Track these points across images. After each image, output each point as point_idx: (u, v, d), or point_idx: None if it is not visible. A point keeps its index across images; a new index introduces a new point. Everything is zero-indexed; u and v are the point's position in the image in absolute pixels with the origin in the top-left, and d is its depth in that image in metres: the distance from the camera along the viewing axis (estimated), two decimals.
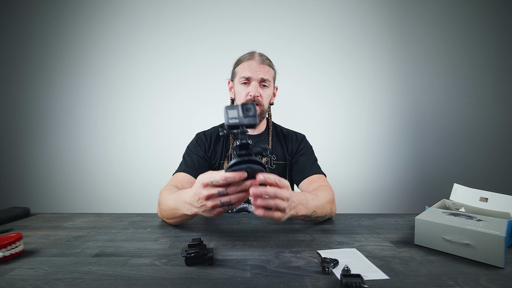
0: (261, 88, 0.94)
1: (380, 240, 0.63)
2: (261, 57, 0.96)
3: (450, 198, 0.73)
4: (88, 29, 1.62)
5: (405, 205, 1.67)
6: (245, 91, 0.93)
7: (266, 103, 0.95)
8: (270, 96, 0.98)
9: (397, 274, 0.47)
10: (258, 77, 0.93)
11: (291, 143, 1.01)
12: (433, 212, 0.62)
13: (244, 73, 0.93)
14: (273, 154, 0.97)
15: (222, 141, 0.99)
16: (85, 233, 0.68)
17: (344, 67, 1.66)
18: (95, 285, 0.43)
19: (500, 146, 1.67)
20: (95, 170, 1.63)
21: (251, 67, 0.93)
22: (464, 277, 0.46)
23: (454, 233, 0.54)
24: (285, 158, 0.98)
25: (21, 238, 0.55)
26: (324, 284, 0.43)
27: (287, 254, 0.55)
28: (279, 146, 0.99)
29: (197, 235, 0.67)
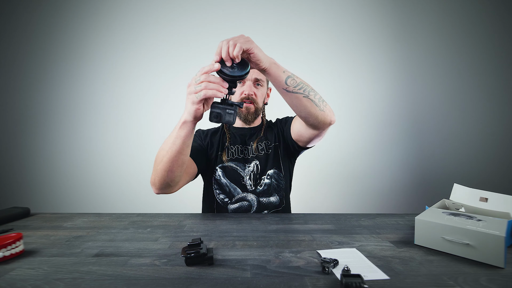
0: (255, 88, 0.98)
1: (380, 240, 0.63)
2: None
3: (450, 198, 0.73)
4: (88, 29, 1.62)
5: (405, 205, 1.67)
6: (240, 90, 0.96)
7: (260, 101, 0.99)
8: (264, 95, 1.02)
9: (397, 274, 0.47)
10: (252, 77, 0.96)
11: (276, 125, 1.05)
12: (433, 212, 0.62)
13: None
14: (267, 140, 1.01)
15: (219, 134, 1.02)
16: (85, 233, 0.68)
17: (344, 67, 1.66)
18: (95, 285, 0.43)
19: (500, 146, 1.67)
20: (95, 170, 1.63)
21: None
22: (464, 277, 0.46)
23: (454, 233, 0.54)
24: (276, 140, 1.02)
25: (21, 238, 0.55)
26: (324, 284, 0.43)
27: (287, 254, 0.55)
28: (270, 132, 1.04)
29: (197, 235, 0.67)
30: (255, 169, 0.96)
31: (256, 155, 0.98)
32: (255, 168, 0.96)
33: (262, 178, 0.95)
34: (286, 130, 0.99)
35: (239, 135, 1.02)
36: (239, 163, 0.97)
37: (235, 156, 0.98)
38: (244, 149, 0.99)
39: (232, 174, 0.95)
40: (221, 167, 0.96)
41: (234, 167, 0.97)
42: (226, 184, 0.95)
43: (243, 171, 0.96)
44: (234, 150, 0.99)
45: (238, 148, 0.99)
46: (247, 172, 0.96)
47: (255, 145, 0.99)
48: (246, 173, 0.96)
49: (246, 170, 0.96)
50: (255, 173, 0.96)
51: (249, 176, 0.95)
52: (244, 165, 0.97)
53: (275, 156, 0.99)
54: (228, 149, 0.98)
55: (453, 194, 0.74)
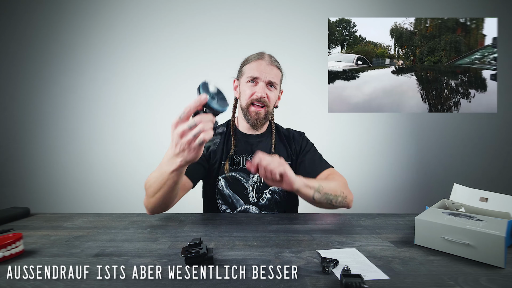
0: (268, 90, 0.92)
1: (380, 240, 0.63)
2: (271, 58, 0.94)
3: (450, 198, 0.73)
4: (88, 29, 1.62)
5: (405, 205, 1.67)
6: (251, 90, 0.91)
7: (272, 105, 0.94)
8: (276, 98, 0.96)
9: (397, 274, 0.47)
10: (266, 79, 0.91)
11: (294, 143, 0.99)
12: (433, 212, 0.62)
13: (252, 72, 0.91)
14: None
15: (223, 141, 0.96)
16: (85, 233, 0.68)
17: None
18: (95, 285, 0.43)
19: (500, 146, 1.67)
20: (95, 170, 1.63)
21: (260, 68, 0.91)
22: (464, 277, 0.46)
23: (454, 233, 0.54)
24: (288, 157, 0.96)
25: (21, 238, 0.55)
26: (324, 284, 0.43)
27: (287, 254, 0.55)
28: (282, 146, 0.98)
29: (197, 235, 0.67)
30: (259, 180, 0.93)
31: None
32: (258, 180, 0.93)
33: (265, 192, 0.93)
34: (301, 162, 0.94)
35: (246, 142, 0.96)
36: (243, 174, 0.93)
37: (240, 166, 0.93)
38: (250, 159, 0.93)
39: (235, 184, 0.92)
40: (224, 177, 0.93)
41: (238, 177, 0.93)
42: (229, 195, 0.92)
43: (247, 182, 0.93)
44: (239, 160, 0.93)
45: (244, 157, 0.94)
46: (251, 183, 0.93)
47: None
48: (250, 184, 0.92)
49: (250, 181, 0.93)
50: (258, 185, 0.92)
51: (252, 187, 0.92)
52: (248, 175, 0.93)
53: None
54: (233, 158, 0.93)
55: (453, 194, 0.74)
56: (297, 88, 1.63)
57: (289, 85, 1.60)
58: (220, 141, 0.95)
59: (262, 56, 0.94)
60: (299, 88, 1.64)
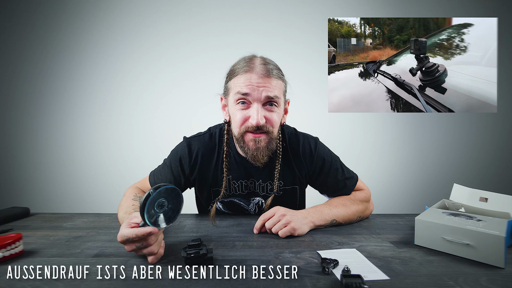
0: (267, 110, 0.69)
1: (380, 241, 0.63)
2: (265, 65, 0.69)
3: (450, 198, 0.73)
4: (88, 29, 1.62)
5: (405, 205, 1.66)
6: (242, 114, 0.68)
7: (276, 127, 0.72)
8: (281, 116, 0.73)
9: (397, 274, 0.47)
10: (261, 96, 0.67)
11: (305, 165, 0.80)
12: (433, 212, 0.62)
13: (240, 88, 0.67)
14: (281, 181, 0.79)
15: (213, 165, 0.78)
16: (85, 233, 0.68)
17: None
18: (95, 285, 0.43)
19: (500, 146, 1.67)
20: (95, 170, 1.63)
21: (250, 82, 0.67)
22: (464, 277, 0.46)
23: (454, 233, 0.54)
24: (295, 182, 0.81)
25: (21, 238, 0.55)
26: (324, 284, 0.43)
27: (287, 254, 0.55)
28: (288, 170, 0.80)
29: (197, 235, 0.67)
30: (261, 203, 0.82)
31: (264, 195, 0.80)
32: (260, 202, 0.82)
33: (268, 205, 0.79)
34: (323, 185, 0.82)
35: (243, 167, 0.78)
36: (243, 199, 0.81)
37: (238, 192, 0.80)
38: (250, 184, 0.80)
39: (234, 207, 0.83)
40: (221, 202, 0.82)
41: (237, 202, 0.82)
42: (229, 213, 0.85)
43: (247, 206, 0.83)
44: (237, 186, 0.79)
45: (242, 183, 0.79)
46: (252, 205, 0.83)
47: (264, 185, 0.79)
48: (251, 206, 0.83)
49: (251, 205, 0.83)
50: (260, 205, 0.83)
51: (255, 209, 0.84)
52: (249, 200, 0.82)
53: (286, 198, 0.81)
54: (230, 184, 0.79)
55: (453, 194, 0.73)
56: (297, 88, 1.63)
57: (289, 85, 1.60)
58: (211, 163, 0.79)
59: (251, 65, 0.69)
60: (299, 88, 1.64)
